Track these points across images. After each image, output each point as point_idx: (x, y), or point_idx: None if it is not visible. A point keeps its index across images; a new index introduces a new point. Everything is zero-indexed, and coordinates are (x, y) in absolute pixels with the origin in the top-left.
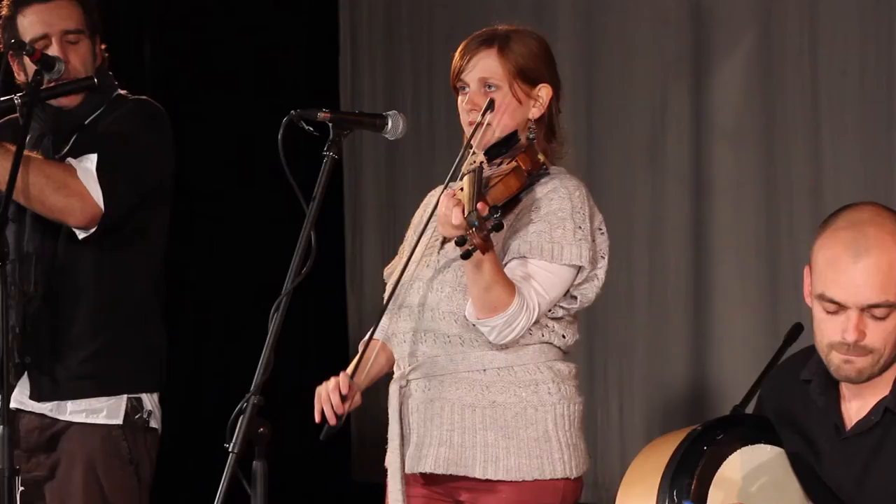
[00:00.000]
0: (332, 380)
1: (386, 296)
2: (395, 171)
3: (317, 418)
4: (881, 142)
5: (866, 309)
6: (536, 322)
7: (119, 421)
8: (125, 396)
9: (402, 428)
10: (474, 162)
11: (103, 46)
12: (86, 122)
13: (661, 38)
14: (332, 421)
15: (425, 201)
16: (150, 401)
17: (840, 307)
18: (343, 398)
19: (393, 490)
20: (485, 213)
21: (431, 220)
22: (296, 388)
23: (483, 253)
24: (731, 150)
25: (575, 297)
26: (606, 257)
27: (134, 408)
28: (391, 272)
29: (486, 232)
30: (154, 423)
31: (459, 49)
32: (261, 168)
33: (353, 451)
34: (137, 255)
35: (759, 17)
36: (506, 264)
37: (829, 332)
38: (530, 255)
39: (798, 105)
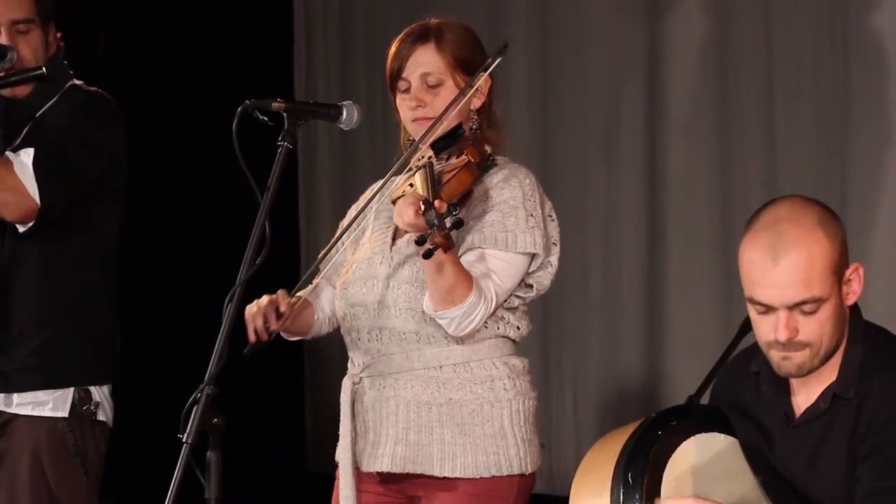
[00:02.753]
0: (266, 297)
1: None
2: (349, 161)
3: (250, 336)
4: (835, 135)
5: (794, 307)
6: (492, 314)
7: (65, 413)
8: (72, 389)
9: (354, 424)
10: (422, 157)
11: (58, 35)
12: (37, 114)
13: (616, 30)
14: (263, 336)
15: (364, 195)
16: (98, 393)
17: (769, 308)
18: (279, 315)
19: (344, 487)
20: (443, 210)
21: (363, 212)
22: (250, 378)
23: (445, 252)
24: (685, 142)
25: (531, 286)
26: (558, 244)
27: (81, 399)
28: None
29: (446, 230)
30: (102, 416)
31: (393, 49)
32: (215, 158)
33: (308, 442)
34: (85, 248)
35: (714, 10)
36: (461, 255)
37: (763, 331)
38: (485, 246)
39: (753, 98)
